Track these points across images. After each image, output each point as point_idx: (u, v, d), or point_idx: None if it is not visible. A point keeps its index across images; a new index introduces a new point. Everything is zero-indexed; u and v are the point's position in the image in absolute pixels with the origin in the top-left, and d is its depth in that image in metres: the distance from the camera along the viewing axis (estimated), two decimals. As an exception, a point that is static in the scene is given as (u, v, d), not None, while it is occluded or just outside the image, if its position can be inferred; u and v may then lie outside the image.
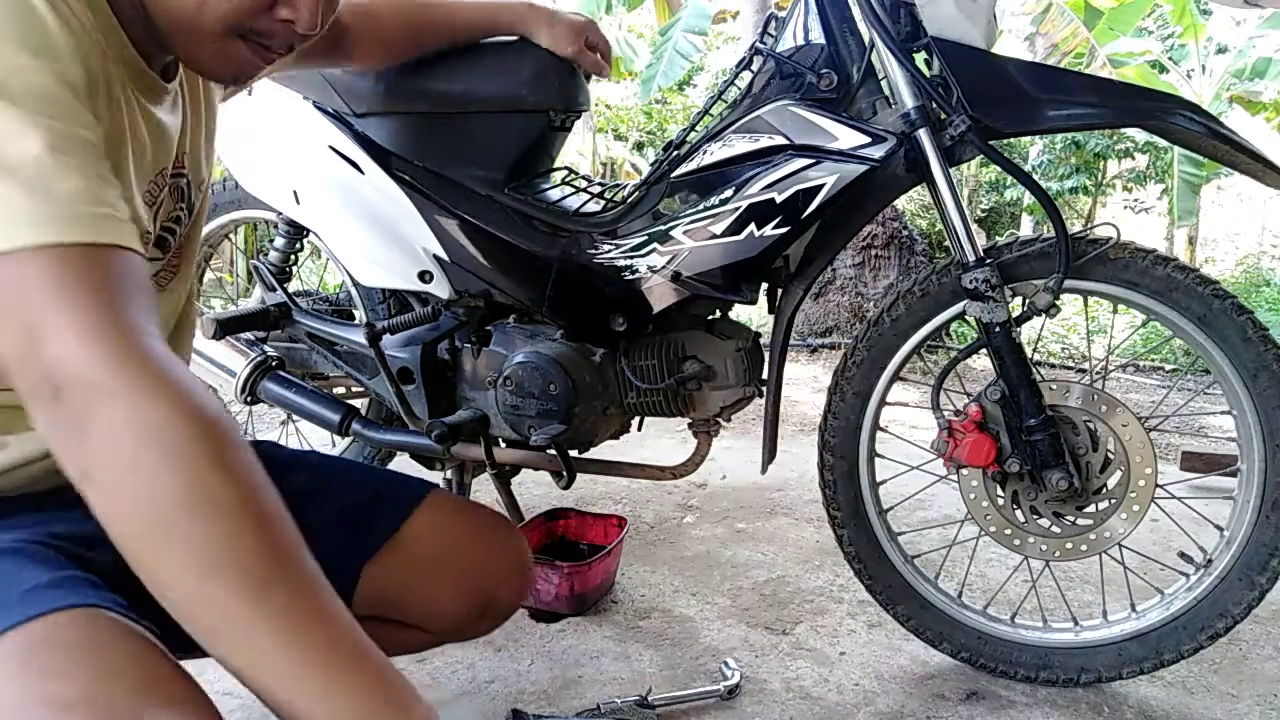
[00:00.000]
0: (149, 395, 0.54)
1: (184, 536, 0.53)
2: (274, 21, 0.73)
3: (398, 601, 0.97)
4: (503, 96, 1.39)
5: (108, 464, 0.54)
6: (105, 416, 0.54)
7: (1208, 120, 1.15)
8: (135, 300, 0.58)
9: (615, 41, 11.46)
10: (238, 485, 0.56)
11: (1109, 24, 8.25)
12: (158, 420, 0.54)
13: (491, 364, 1.47)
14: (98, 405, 0.54)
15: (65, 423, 0.54)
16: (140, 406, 0.54)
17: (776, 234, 1.22)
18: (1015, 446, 1.26)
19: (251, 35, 0.73)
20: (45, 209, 0.55)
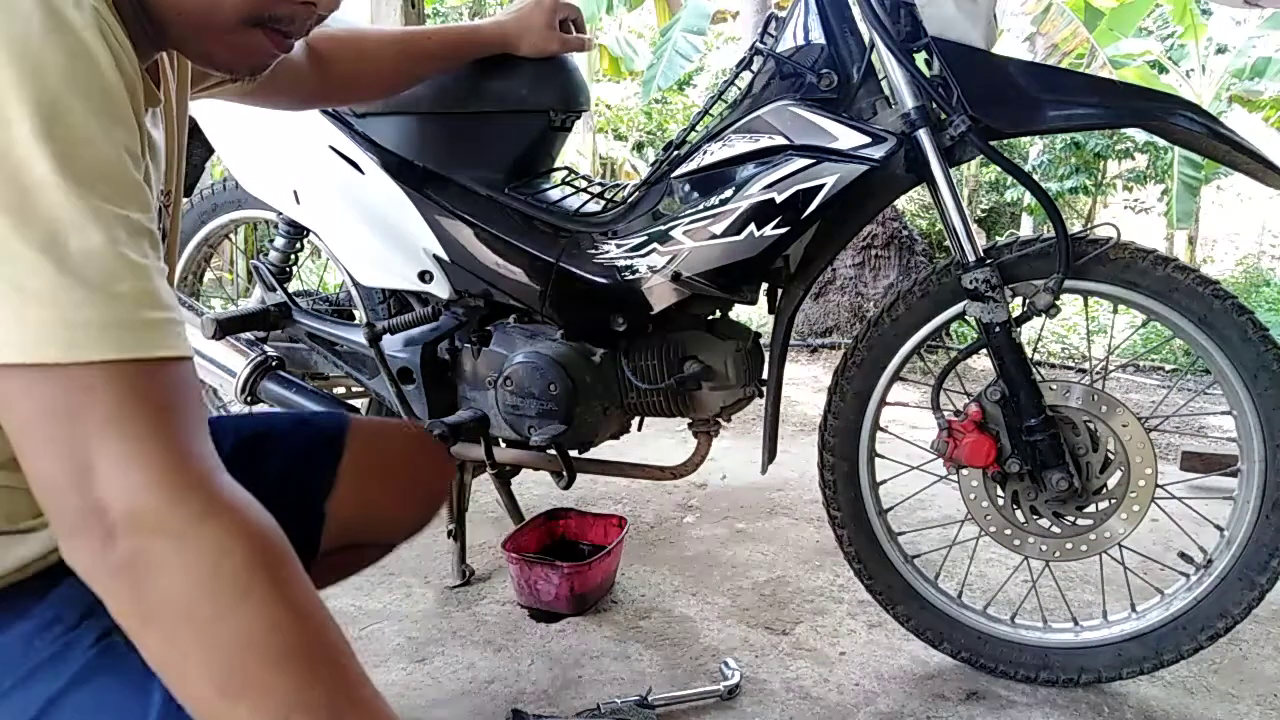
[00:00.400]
0: (210, 538, 0.51)
1: (258, 689, 0.51)
2: (294, 5, 0.69)
3: (357, 525, 1.00)
4: (503, 97, 1.39)
5: (168, 615, 0.51)
6: (165, 563, 0.50)
7: (1208, 120, 1.15)
8: (193, 420, 0.54)
9: (615, 41, 11.47)
10: (304, 622, 0.54)
11: (1109, 25, 8.25)
12: (220, 565, 0.51)
13: (491, 364, 1.47)
14: (157, 549, 0.50)
15: (118, 567, 0.50)
16: (203, 550, 0.51)
17: (776, 234, 1.22)
18: (1015, 447, 1.26)
19: (270, 23, 0.68)
20: (106, 314, 0.50)
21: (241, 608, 0.51)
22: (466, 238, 1.39)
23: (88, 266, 0.50)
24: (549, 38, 1.35)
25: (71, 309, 0.49)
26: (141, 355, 0.51)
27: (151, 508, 0.50)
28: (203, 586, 0.51)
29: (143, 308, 0.52)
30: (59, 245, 0.50)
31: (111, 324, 0.51)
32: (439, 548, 1.86)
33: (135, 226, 0.54)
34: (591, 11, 9.60)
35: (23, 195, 0.49)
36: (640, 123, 13.80)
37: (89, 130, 0.52)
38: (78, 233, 0.50)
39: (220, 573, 0.51)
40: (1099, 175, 10.32)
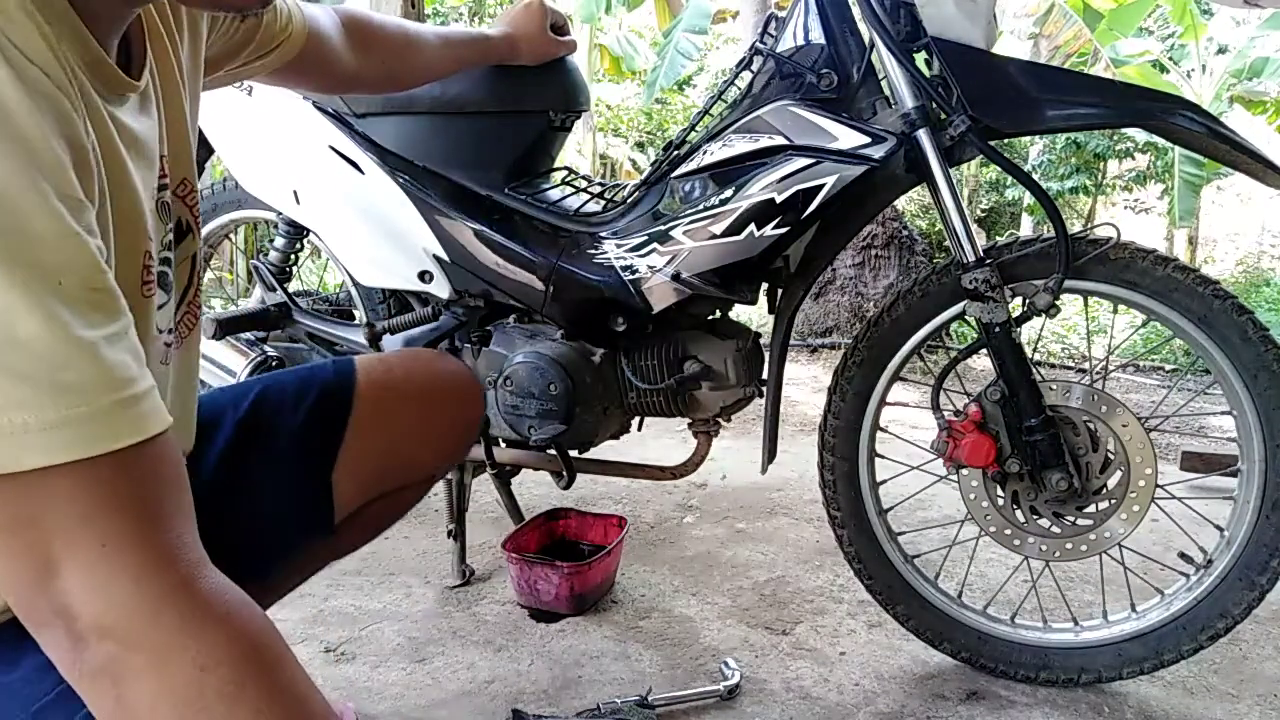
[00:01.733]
0: (191, 654, 0.47)
1: None
2: None
3: (381, 476, 0.98)
4: (503, 97, 1.39)
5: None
6: (142, 678, 0.47)
7: (1208, 120, 1.15)
8: (167, 509, 0.49)
9: (615, 41, 11.47)
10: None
11: (1110, 25, 8.25)
12: (204, 683, 0.47)
13: (491, 364, 1.47)
14: (133, 663, 0.47)
15: (91, 674, 0.47)
16: (184, 666, 0.47)
17: (776, 234, 1.22)
18: (1015, 447, 1.26)
19: None
20: (52, 414, 0.45)
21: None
22: (466, 238, 1.39)
23: (25, 361, 0.44)
24: (545, 42, 1.36)
25: (13, 412, 0.44)
26: (95, 452, 0.46)
27: (124, 622, 0.46)
28: (186, 704, 0.47)
29: (94, 394, 0.46)
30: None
31: (60, 424, 0.45)
32: (439, 548, 1.86)
33: (74, 292, 0.47)
34: (591, 11, 9.62)
35: None
36: (640, 123, 13.80)
37: (2, 187, 0.44)
38: (7, 323, 0.44)
39: (205, 690, 0.47)
40: (1099, 175, 10.32)
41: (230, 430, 0.93)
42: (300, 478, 0.93)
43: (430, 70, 1.28)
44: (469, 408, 1.07)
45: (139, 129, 0.64)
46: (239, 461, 0.91)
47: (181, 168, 0.76)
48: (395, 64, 1.21)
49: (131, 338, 0.51)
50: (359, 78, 1.17)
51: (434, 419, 1.01)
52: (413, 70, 1.25)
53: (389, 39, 1.19)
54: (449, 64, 1.29)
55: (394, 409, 0.99)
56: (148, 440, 0.49)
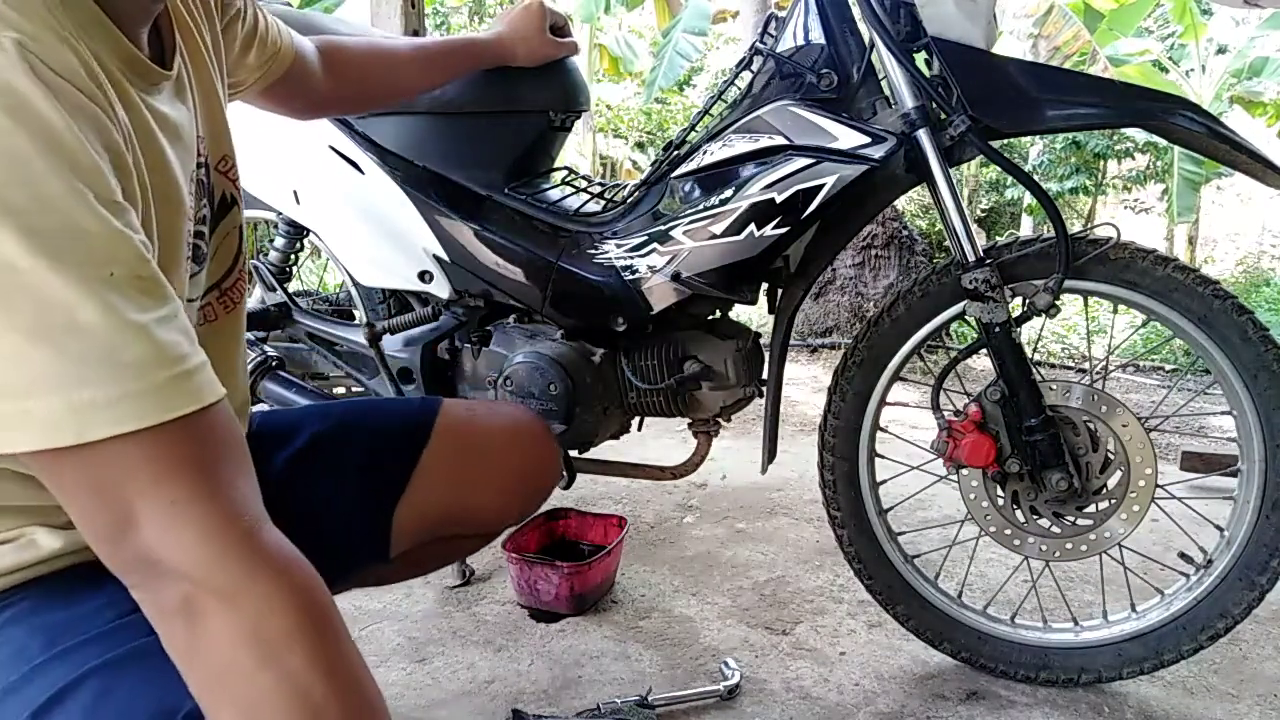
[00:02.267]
0: (255, 599, 0.52)
1: None
2: None
3: (443, 521, 0.99)
4: (503, 97, 1.39)
5: (210, 662, 0.53)
6: (211, 617, 0.52)
7: (1208, 120, 1.15)
8: (229, 469, 0.54)
9: (615, 41, 11.46)
10: (337, 690, 0.54)
11: (1109, 25, 8.25)
12: (261, 627, 0.52)
13: (491, 364, 1.47)
14: (204, 603, 0.52)
15: (169, 612, 0.53)
16: (247, 612, 0.52)
17: (776, 234, 1.22)
18: (1015, 447, 1.25)
19: None
20: (112, 390, 0.49)
21: (277, 669, 0.52)
22: (466, 238, 1.39)
23: (86, 345, 0.49)
24: (544, 44, 1.36)
25: (76, 391, 0.48)
26: (157, 420, 0.50)
27: (195, 569, 0.51)
28: (244, 645, 0.52)
29: (151, 371, 0.51)
30: (52, 330, 0.48)
31: (121, 398, 0.49)
32: (439, 548, 1.87)
33: (124, 281, 0.51)
34: (591, 11, 9.62)
35: (2, 285, 0.47)
36: (640, 123, 13.80)
37: (49, 194, 0.48)
38: (67, 312, 0.48)
39: (261, 635, 0.52)
40: (1099, 175, 10.32)
41: (305, 440, 0.94)
42: (363, 502, 0.93)
43: (409, 89, 1.29)
44: (542, 471, 1.07)
45: (174, 115, 0.68)
46: (306, 471, 0.92)
47: (220, 145, 0.80)
48: (372, 87, 1.23)
49: (182, 319, 0.55)
50: (338, 101, 1.20)
51: (504, 477, 1.01)
52: (391, 92, 1.27)
53: (364, 63, 1.20)
54: (431, 78, 1.29)
55: (467, 455, 0.99)
56: (204, 409, 0.53)
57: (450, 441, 0.98)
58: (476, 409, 1.09)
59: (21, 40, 0.49)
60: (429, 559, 1.05)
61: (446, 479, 0.97)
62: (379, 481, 0.95)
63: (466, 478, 0.98)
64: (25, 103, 0.49)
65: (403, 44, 1.28)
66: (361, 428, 0.97)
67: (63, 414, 0.48)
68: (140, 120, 0.62)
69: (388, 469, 0.95)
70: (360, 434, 0.97)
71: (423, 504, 0.96)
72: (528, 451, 1.04)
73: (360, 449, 0.95)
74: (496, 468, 1.00)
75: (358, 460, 0.94)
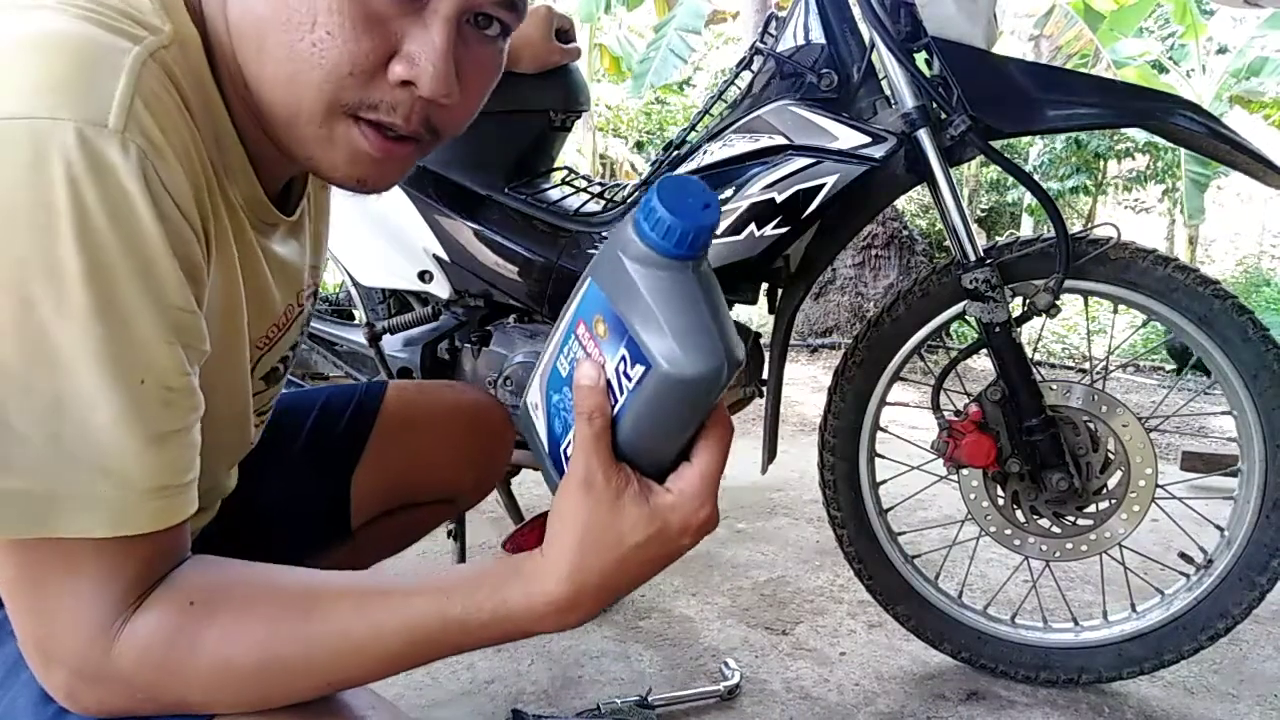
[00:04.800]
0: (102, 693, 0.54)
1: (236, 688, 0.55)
2: (389, 88, 0.57)
3: (405, 485, 1.02)
4: (503, 97, 1.38)
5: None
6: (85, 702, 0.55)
7: (1208, 120, 1.15)
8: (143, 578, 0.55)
9: (615, 41, 11.46)
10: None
11: (1110, 25, 8.25)
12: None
13: (492, 364, 1.47)
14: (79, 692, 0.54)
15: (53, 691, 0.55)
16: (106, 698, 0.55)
17: (777, 234, 1.22)
18: (1015, 447, 1.25)
19: (364, 111, 0.58)
20: (90, 494, 0.51)
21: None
22: (466, 238, 1.39)
23: (85, 445, 0.51)
24: (549, 49, 1.36)
25: (51, 485, 0.50)
26: (111, 534, 0.52)
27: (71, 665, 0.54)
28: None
29: (131, 485, 0.52)
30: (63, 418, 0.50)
31: (92, 504, 0.51)
32: (439, 548, 1.86)
33: (151, 391, 0.52)
34: (591, 11, 9.61)
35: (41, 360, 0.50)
36: (640, 123, 13.80)
37: (119, 295, 0.50)
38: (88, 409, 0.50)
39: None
40: (1099, 175, 10.32)
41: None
42: (319, 475, 0.96)
43: None
44: (493, 440, 1.09)
45: (284, 254, 0.72)
46: (261, 456, 0.94)
47: (313, 275, 0.84)
48: None
49: (194, 434, 0.56)
50: None
51: (454, 442, 1.03)
52: None
53: None
54: None
55: (416, 426, 1.02)
56: (158, 531, 0.54)
57: (399, 413, 1.01)
58: (425, 385, 1.12)
59: (146, 151, 0.51)
60: (391, 536, 1.07)
61: (399, 447, 1.00)
62: (333, 454, 0.97)
63: (418, 445, 1.01)
64: (131, 207, 0.50)
65: None
66: (310, 408, 1.00)
67: (27, 504, 0.50)
68: (249, 253, 0.66)
69: (340, 441, 0.98)
70: (310, 413, 1.00)
71: (378, 471, 0.98)
72: (476, 417, 1.06)
73: (312, 425, 0.98)
74: (445, 433, 1.03)
75: (310, 436, 0.97)
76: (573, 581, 0.55)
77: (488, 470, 1.11)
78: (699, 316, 0.49)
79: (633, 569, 0.56)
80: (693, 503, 0.55)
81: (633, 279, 0.49)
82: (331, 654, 0.55)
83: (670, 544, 0.56)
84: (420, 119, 0.60)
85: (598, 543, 0.55)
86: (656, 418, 0.52)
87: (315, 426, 0.98)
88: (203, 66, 0.59)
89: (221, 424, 0.68)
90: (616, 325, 0.51)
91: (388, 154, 0.61)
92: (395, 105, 0.58)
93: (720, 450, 0.57)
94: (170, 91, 0.55)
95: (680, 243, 0.48)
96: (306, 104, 0.57)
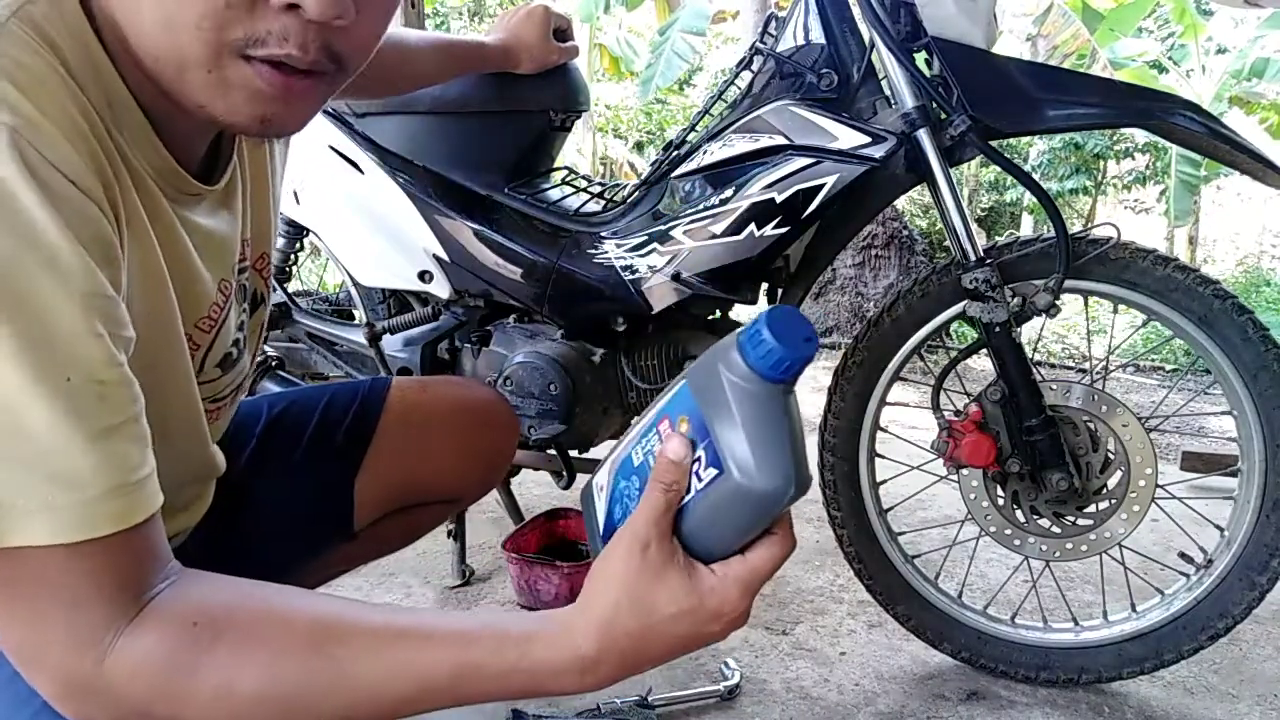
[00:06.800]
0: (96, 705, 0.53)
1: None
2: (274, 15, 0.52)
3: (409, 486, 1.00)
4: (503, 97, 1.39)
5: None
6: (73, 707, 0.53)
7: (1208, 120, 1.15)
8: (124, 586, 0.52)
9: (615, 41, 11.46)
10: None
11: (1109, 25, 8.25)
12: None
13: (491, 364, 1.47)
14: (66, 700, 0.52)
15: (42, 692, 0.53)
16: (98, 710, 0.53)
17: (776, 234, 1.22)
18: (1015, 447, 1.25)
19: (253, 48, 0.53)
20: (39, 499, 0.49)
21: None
22: (466, 238, 1.39)
23: (26, 450, 0.48)
24: (548, 49, 1.35)
25: (7, 494, 0.48)
26: (71, 539, 0.49)
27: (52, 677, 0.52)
28: None
29: (82, 486, 0.50)
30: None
31: (42, 509, 0.49)
32: (439, 548, 1.86)
33: (81, 388, 0.50)
34: (590, 11, 9.61)
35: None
36: (640, 123, 13.80)
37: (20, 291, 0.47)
38: (13, 413, 0.48)
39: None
40: (1099, 175, 10.32)
41: (262, 428, 0.95)
42: (323, 476, 0.95)
43: (423, 80, 1.28)
44: (498, 437, 1.08)
45: (211, 225, 0.67)
46: (266, 457, 0.94)
47: (261, 244, 0.79)
48: (380, 71, 1.22)
49: (137, 427, 0.53)
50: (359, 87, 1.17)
51: (459, 440, 1.02)
52: (407, 80, 1.26)
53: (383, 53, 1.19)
54: (443, 72, 1.29)
55: (420, 424, 1.00)
56: (125, 530, 0.51)
57: (403, 411, 0.99)
58: (429, 382, 1.10)
59: (17, 127, 0.48)
60: (394, 534, 1.06)
61: (403, 447, 0.98)
62: (336, 454, 0.96)
63: (422, 445, 1.00)
64: (6, 195, 0.47)
65: (412, 33, 1.28)
66: (314, 407, 0.99)
67: None
68: (167, 229, 0.62)
69: (343, 442, 0.96)
70: (314, 412, 0.98)
71: (382, 473, 0.97)
72: (481, 416, 1.05)
73: (315, 425, 0.96)
74: (450, 432, 1.01)
75: (313, 436, 0.96)
76: (601, 641, 0.54)
77: (493, 468, 1.10)
78: (778, 437, 0.54)
79: (659, 642, 0.56)
80: (733, 590, 0.56)
81: (725, 391, 0.54)
82: (340, 692, 0.54)
83: (700, 625, 0.56)
84: (319, 47, 0.54)
85: (634, 605, 0.54)
86: (718, 518, 0.55)
87: (319, 426, 0.97)
88: (81, 23, 0.54)
89: (169, 412, 0.64)
90: (700, 428, 0.55)
91: (287, 90, 0.55)
92: (286, 34, 0.53)
93: (775, 555, 0.57)
94: (42, 52, 0.51)
95: (776, 368, 0.53)
96: (189, 48, 0.52)
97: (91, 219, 0.51)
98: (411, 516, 1.05)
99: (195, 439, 0.75)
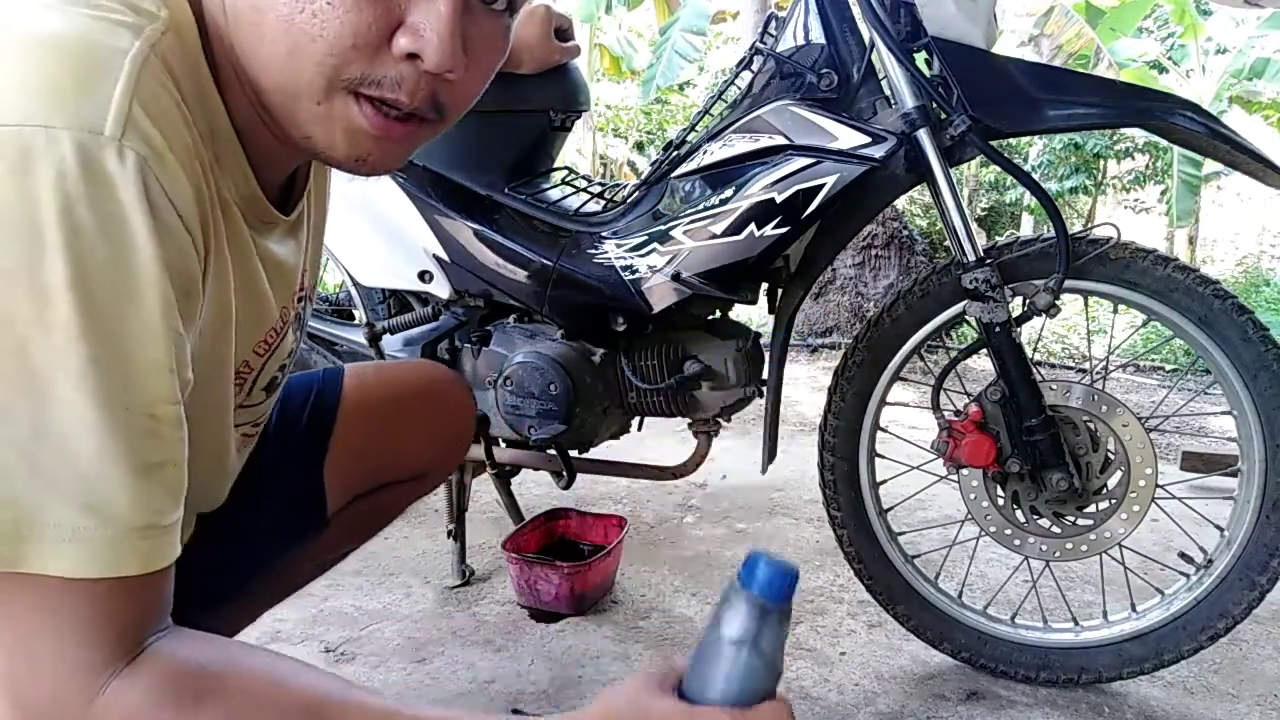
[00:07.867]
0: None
1: None
2: (394, 62, 0.55)
3: (374, 468, 1.02)
4: (503, 96, 1.38)
5: None
6: None
7: (1208, 120, 1.15)
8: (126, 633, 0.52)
9: (615, 41, 11.46)
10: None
11: (1110, 25, 8.26)
12: None
13: (491, 364, 1.47)
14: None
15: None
16: None
17: (776, 234, 1.22)
18: (1015, 447, 1.25)
19: (366, 87, 0.56)
20: (71, 528, 0.48)
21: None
22: (466, 238, 1.39)
23: (66, 474, 0.48)
24: (549, 49, 1.36)
25: (40, 514, 0.48)
26: (94, 575, 0.49)
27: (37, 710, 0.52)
28: None
29: (114, 522, 0.50)
30: (44, 442, 0.48)
31: (71, 538, 0.49)
32: (439, 548, 1.86)
33: (136, 420, 0.50)
34: (591, 11, 9.61)
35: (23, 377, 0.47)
36: (640, 123, 13.80)
37: (109, 314, 0.48)
38: (66, 436, 0.48)
39: None
40: (1099, 175, 10.33)
41: None
42: (292, 467, 0.96)
43: None
44: (456, 414, 1.10)
45: (281, 254, 0.70)
46: None
47: (314, 273, 0.82)
48: None
49: (180, 471, 0.54)
50: None
51: (417, 420, 1.04)
52: None
53: None
54: None
55: (378, 406, 1.02)
56: (143, 575, 0.51)
57: (360, 398, 1.01)
58: (383, 366, 1.13)
59: (147, 158, 0.49)
60: (367, 518, 1.07)
61: (364, 430, 1.00)
62: (301, 447, 0.97)
63: (382, 427, 1.02)
64: (125, 221, 0.48)
65: None
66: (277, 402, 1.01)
67: (7, 533, 0.48)
68: (243, 252, 0.63)
69: (306, 433, 0.98)
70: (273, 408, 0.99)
71: (347, 458, 0.99)
72: (435, 393, 1.07)
73: (276, 422, 0.96)
74: (407, 412, 1.03)
75: (276, 431, 0.96)
76: None
77: (453, 443, 1.11)
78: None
79: None
80: (721, 717, 0.60)
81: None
82: None
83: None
84: (426, 95, 0.57)
85: (631, 708, 0.61)
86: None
87: (280, 421, 0.97)
88: (198, 55, 0.56)
89: (199, 447, 0.65)
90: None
91: (386, 133, 0.58)
92: (400, 80, 0.56)
93: (768, 714, 0.61)
94: (169, 88, 0.53)
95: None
96: (307, 79, 0.55)
97: (185, 253, 0.53)
98: (382, 496, 1.06)
99: (216, 473, 0.77)
